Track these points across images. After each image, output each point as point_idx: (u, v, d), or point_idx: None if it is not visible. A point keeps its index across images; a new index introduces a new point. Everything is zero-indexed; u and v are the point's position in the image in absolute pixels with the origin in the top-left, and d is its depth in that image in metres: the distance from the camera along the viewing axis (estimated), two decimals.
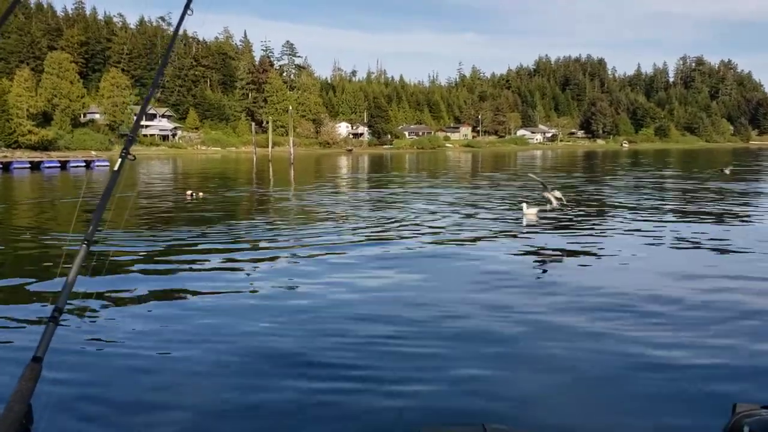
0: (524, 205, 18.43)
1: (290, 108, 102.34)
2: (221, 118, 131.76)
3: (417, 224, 16.93)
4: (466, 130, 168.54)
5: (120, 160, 2.53)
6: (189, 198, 24.99)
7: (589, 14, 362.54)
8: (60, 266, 9.97)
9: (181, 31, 3.18)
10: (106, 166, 58.03)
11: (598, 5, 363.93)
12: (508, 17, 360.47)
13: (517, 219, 17.89)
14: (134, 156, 2.62)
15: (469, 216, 18.78)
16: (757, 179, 36.91)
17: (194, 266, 11.25)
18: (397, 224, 16.91)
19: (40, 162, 57.85)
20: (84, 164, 59.59)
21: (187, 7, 3.01)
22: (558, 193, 18.17)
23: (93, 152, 75.61)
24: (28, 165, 55.95)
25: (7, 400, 1.81)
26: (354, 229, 16.13)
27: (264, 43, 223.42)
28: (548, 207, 18.22)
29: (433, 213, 19.46)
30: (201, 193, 26.06)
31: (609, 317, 7.87)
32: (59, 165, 58.16)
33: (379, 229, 16.09)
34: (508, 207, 21.07)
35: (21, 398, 1.83)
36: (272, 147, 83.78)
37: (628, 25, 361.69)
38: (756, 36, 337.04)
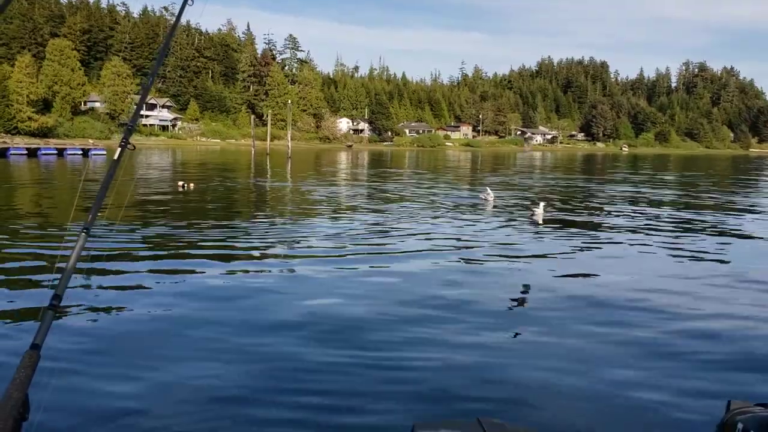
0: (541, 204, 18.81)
1: (289, 102, 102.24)
2: (222, 109, 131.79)
3: (409, 221, 17.02)
4: (466, 130, 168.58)
5: (119, 149, 2.53)
6: (180, 189, 25.11)
7: (592, 17, 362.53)
8: (59, 254, 10.13)
9: (182, 22, 3.23)
10: (104, 154, 58.11)
11: (601, 8, 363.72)
12: (512, 17, 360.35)
13: (505, 217, 18.02)
14: (134, 146, 2.63)
15: (462, 216, 18.86)
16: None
17: (182, 258, 11.35)
18: (389, 223, 16.98)
19: (37, 149, 57.90)
20: (81, 152, 59.64)
21: None
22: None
23: (90, 140, 75.62)
24: (25, 151, 55.98)
25: (5, 387, 1.82)
26: (344, 225, 16.21)
27: (267, 36, 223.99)
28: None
29: (427, 210, 19.56)
30: (192, 185, 26.16)
31: (602, 312, 8.01)
32: (56, 152, 58.24)
33: (369, 227, 16.14)
34: (504, 207, 21.17)
35: (19, 386, 1.84)
36: (272, 140, 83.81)
37: (632, 29, 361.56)
38: (759, 44, 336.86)
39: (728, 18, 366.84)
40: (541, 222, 17.34)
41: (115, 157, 2.47)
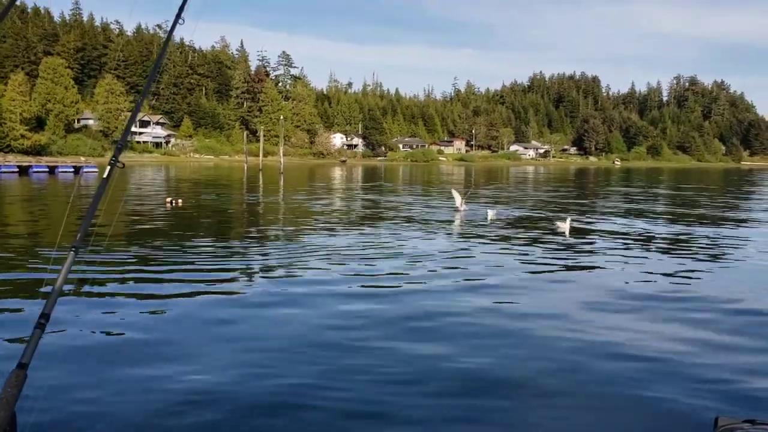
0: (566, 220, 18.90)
1: (281, 118, 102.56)
2: (215, 126, 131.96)
3: (411, 238, 16.94)
4: (459, 144, 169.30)
5: (109, 167, 2.54)
6: (168, 206, 25.08)
7: (584, 32, 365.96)
8: (47, 275, 10.05)
9: (172, 39, 3.28)
10: (95, 172, 58.04)
11: (593, 23, 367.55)
12: (504, 33, 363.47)
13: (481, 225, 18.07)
14: (123, 164, 2.64)
15: (452, 230, 18.85)
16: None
17: (169, 279, 11.22)
18: (377, 240, 16.94)
19: (29, 167, 57.87)
20: (72, 170, 59.63)
21: (178, 16, 3.09)
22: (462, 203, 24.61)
23: (82, 158, 75.47)
24: (16, 169, 55.91)
25: None
26: (329, 244, 16.12)
27: (260, 52, 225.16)
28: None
29: (426, 227, 19.46)
30: (180, 201, 26.09)
31: (589, 329, 8.01)
32: (47, 170, 58.22)
33: (357, 244, 16.05)
34: (492, 222, 21.23)
35: (5, 405, 1.83)
36: (266, 156, 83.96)
37: (624, 44, 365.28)
38: (749, 57, 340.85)
39: (718, 33, 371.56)
40: (567, 235, 17.52)
41: (105, 176, 2.46)
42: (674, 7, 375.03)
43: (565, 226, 18.48)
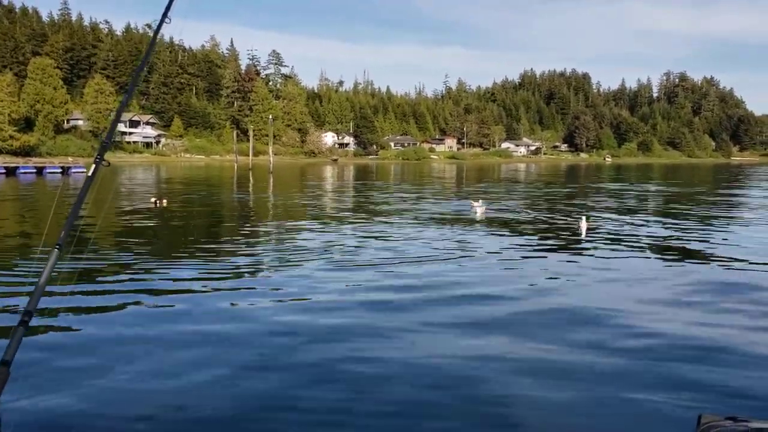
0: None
1: (271, 117, 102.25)
2: (206, 126, 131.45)
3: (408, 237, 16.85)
4: (451, 142, 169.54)
5: (94, 165, 2.53)
6: (154, 205, 25.03)
7: (574, 29, 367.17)
8: (31, 270, 10.00)
9: (161, 38, 3.26)
10: (83, 172, 57.89)
11: (583, 21, 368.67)
12: (494, 31, 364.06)
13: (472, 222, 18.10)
14: (108, 162, 2.62)
15: (447, 233, 18.61)
16: None
17: (151, 278, 11.13)
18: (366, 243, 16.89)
19: (16, 168, 57.60)
20: (60, 170, 59.40)
21: (164, 16, 3.10)
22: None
23: (69, 158, 74.96)
24: (3, 170, 55.65)
25: None
26: (314, 245, 15.98)
27: (250, 51, 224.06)
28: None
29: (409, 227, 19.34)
30: (165, 201, 26.00)
31: (575, 331, 7.95)
32: (35, 171, 58.01)
33: (353, 244, 15.92)
34: (483, 225, 21.29)
35: None
36: (257, 155, 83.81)
37: (613, 41, 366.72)
38: (738, 54, 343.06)
39: (708, 31, 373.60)
40: (584, 233, 17.38)
41: (89, 174, 2.43)
42: (666, 6, 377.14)
43: (582, 225, 18.40)
